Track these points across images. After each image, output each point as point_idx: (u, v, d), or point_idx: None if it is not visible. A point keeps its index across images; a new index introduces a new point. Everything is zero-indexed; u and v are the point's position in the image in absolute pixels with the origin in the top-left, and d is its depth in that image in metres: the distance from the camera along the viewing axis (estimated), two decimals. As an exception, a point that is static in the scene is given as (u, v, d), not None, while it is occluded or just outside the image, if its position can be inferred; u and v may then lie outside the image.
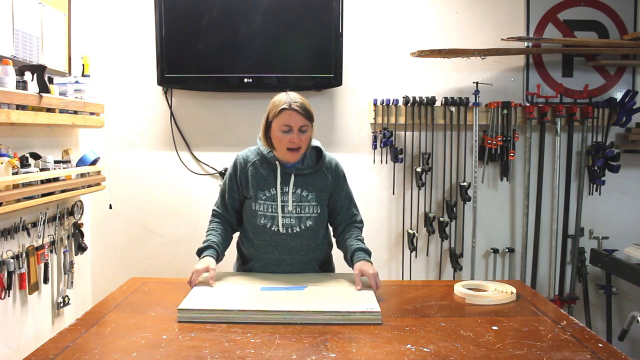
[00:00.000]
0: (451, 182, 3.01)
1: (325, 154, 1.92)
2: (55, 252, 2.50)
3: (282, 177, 1.85)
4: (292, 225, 1.86)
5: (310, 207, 1.87)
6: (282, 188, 1.85)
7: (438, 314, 1.63)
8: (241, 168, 1.90)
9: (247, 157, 1.92)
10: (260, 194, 1.86)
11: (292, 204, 1.84)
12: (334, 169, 1.92)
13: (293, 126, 1.78)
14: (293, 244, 1.89)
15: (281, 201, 1.84)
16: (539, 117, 2.94)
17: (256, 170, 1.88)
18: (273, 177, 1.85)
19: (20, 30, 2.21)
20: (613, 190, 3.04)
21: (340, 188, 1.95)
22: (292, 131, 1.78)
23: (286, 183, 1.85)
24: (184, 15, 2.78)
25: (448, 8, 2.98)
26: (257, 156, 1.91)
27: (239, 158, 1.93)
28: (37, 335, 2.39)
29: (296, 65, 2.84)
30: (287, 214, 1.85)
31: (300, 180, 1.86)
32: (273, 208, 1.85)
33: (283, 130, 1.78)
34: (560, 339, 1.44)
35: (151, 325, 1.52)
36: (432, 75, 3.00)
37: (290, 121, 1.77)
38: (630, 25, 2.96)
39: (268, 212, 1.85)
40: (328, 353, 1.33)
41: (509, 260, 3.08)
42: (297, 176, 1.86)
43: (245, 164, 1.90)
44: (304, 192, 1.86)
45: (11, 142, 2.13)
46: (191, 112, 3.01)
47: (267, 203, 1.85)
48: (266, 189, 1.86)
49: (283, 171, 1.85)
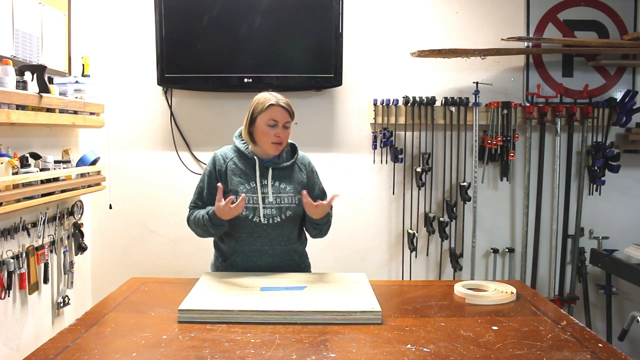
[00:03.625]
0: (451, 182, 3.01)
1: (298, 150, 2.04)
2: (55, 252, 2.50)
3: (261, 170, 1.94)
4: (273, 216, 1.92)
5: (289, 198, 1.95)
6: (262, 181, 1.94)
7: (438, 314, 1.63)
8: (220, 164, 1.99)
9: (225, 153, 2.01)
10: (241, 187, 1.93)
11: (272, 194, 1.93)
12: (307, 165, 2.05)
13: (279, 121, 1.90)
14: (274, 234, 1.94)
15: (261, 193, 1.92)
16: (539, 117, 2.94)
17: (235, 166, 1.97)
18: (252, 171, 1.95)
19: (20, 30, 2.21)
20: (613, 190, 3.04)
21: (314, 183, 2.06)
22: (277, 126, 1.90)
23: (264, 176, 1.94)
24: (184, 16, 2.78)
25: (448, 8, 2.98)
26: (234, 153, 2.00)
27: (217, 155, 2.02)
28: (37, 335, 2.39)
29: (296, 65, 2.84)
30: (267, 204, 1.92)
31: (278, 174, 1.96)
32: (254, 199, 1.92)
33: (269, 124, 1.89)
34: (560, 339, 1.44)
35: (151, 325, 1.52)
36: (432, 75, 3.00)
37: (276, 116, 1.90)
38: (630, 25, 2.96)
39: (249, 204, 1.91)
40: (328, 353, 1.33)
41: (509, 260, 3.08)
42: (275, 169, 1.96)
43: (224, 160, 1.99)
44: (282, 184, 1.95)
45: (11, 142, 2.13)
46: (191, 112, 3.01)
47: (248, 195, 1.91)
48: (246, 182, 1.94)
49: (261, 165, 1.95)
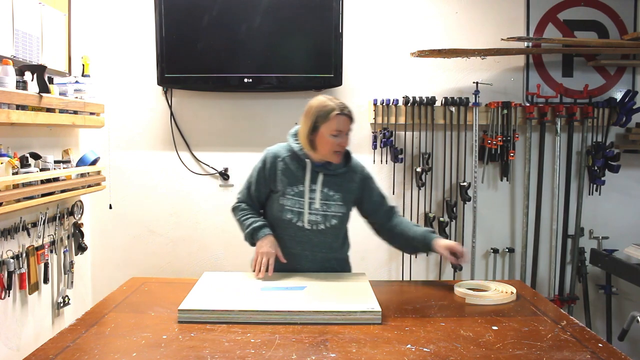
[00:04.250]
0: (451, 182, 3.01)
1: (353, 158, 1.97)
2: (55, 252, 2.50)
3: (312, 174, 1.89)
4: (318, 222, 1.89)
5: (336, 207, 1.90)
6: (311, 185, 1.89)
7: (438, 314, 1.63)
8: (271, 162, 1.93)
9: (277, 152, 1.95)
10: (289, 189, 1.89)
11: (319, 201, 1.88)
12: (360, 172, 1.97)
13: (343, 130, 1.84)
14: (316, 241, 1.91)
15: (309, 198, 1.88)
16: (539, 117, 2.94)
17: (286, 166, 1.91)
18: (302, 174, 1.89)
19: (20, 30, 2.21)
20: (613, 190, 3.04)
21: (372, 189, 1.99)
22: (340, 135, 1.83)
23: (314, 181, 1.89)
24: (184, 15, 2.78)
25: (448, 8, 2.98)
26: (288, 152, 1.94)
27: (269, 152, 1.96)
28: (37, 335, 2.39)
29: (296, 65, 2.84)
30: (313, 210, 1.88)
31: (328, 180, 1.90)
32: (300, 204, 1.88)
33: (333, 134, 1.83)
34: (560, 339, 1.44)
35: (151, 325, 1.52)
36: (432, 75, 3.00)
37: (341, 126, 1.83)
38: (630, 25, 2.96)
39: (295, 208, 1.88)
40: (328, 353, 1.33)
41: (509, 260, 3.08)
42: (326, 175, 1.90)
43: (275, 158, 1.93)
44: (331, 191, 1.90)
45: (11, 142, 2.13)
46: (191, 112, 3.01)
47: (294, 199, 1.88)
48: (295, 184, 1.89)
49: (312, 169, 1.89)
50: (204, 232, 3.04)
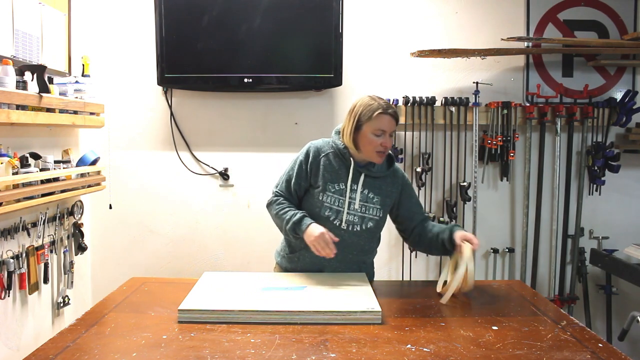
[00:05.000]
0: (451, 182, 3.01)
1: (395, 162, 1.96)
2: (55, 252, 2.50)
3: (354, 174, 1.86)
4: (354, 223, 1.87)
5: (374, 210, 1.88)
6: (352, 185, 1.86)
7: (438, 314, 1.63)
8: (314, 156, 1.90)
9: (321, 147, 1.92)
10: (330, 186, 1.87)
11: (358, 202, 1.86)
12: (400, 178, 1.95)
13: (387, 130, 1.81)
14: (350, 242, 1.88)
15: (349, 197, 1.86)
16: (539, 117, 2.94)
17: (329, 162, 1.89)
18: (345, 172, 1.87)
19: (20, 30, 2.21)
20: (613, 190, 3.04)
21: (411, 195, 1.98)
22: (384, 135, 1.81)
23: (356, 181, 1.87)
24: (184, 16, 2.78)
25: (448, 8, 2.98)
26: (331, 149, 1.91)
27: (312, 146, 1.93)
28: (37, 335, 2.39)
29: (296, 65, 2.84)
30: (352, 211, 1.86)
31: (369, 182, 1.88)
32: (340, 202, 1.86)
33: (376, 134, 1.81)
34: (560, 339, 1.44)
35: (151, 325, 1.52)
36: (432, 75, 3.00)
37: (385, 126, 1.80)
38: (630, 25, 2.96)
39: (334, 206, 1.86)
40: (328, 353, 1.33)
41: (509, 260, 3.08)
42: (367, 177, 1.88)
43: (318, 153, 1.90)
44: (371, 193, 1.88)
45: (11, 142, 2.13)
46: (191, 112, 3.01)
47: (334, 196, 1.86)
48: (336, 182, 1.87)
49: (355, 169, 1.87)
50: (204, 232, 3.05)
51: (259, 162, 3.03)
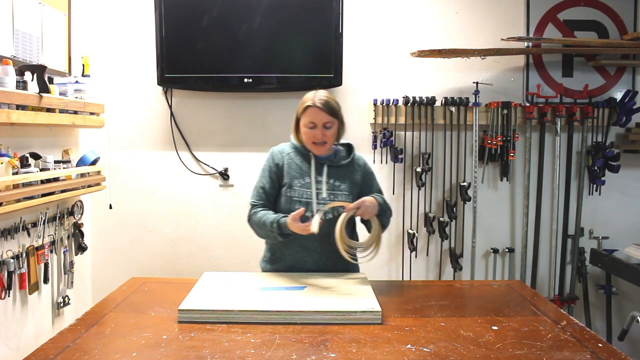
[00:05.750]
0: (451, 182, 3.01)
1: (354, 151, 2.03)
2: (55, 252, 2.50)
3: (316, 167, 1.95)
4: (326, 212, 1.90)
5: (342, 196, 1.93)
6: (317, 177, 1.94)
7: (438, 314, 1.63)
8: (278, 158, 2.00)
9: (282, 149, 2.03)
10: (296, 182, 1.94)
11: (325, 191, 1.92)
12: (362, 166, 2.03)
13: (317, 123, 1.88)
14: (325, 231, 1.89)
15: (316, 188, 1.92)
16: (539, 117, 2.94)
17: (291, 160, 1.98)
18: (307, 167, 1.95)
19: (20, 30, 2.21)
20: (613, 190, 3.04)
21: (371, 185, 2.04)
22: (316, 127, 1.89)
23: (320, 173, 1.94)
24: (184, 16, 2.78)
25: (448, 8, 2.98)
26: (291, 149, 2.01)
27: (274, 150, 2.04)
28: (37, 335, 2.39)
29: (296, 65, 2.84)
30: (321, 200, 1.91)
31: (333, 171, 1.96)
32: (308, 194, 1.92)
33: (309, 126, 1.90)
34: (560, 339, 1.44)
35: (151, 325, 1.52)
36: (432, 75, 3.00)
37: (314, 118, 1.88)
38: (630, 25, 2.96)
39: (303, 198, 1.92)
40: (328, 353, 1.33)
41: (509, 260, 3.08)
42: (330, 167, 1.96)
43: (280, 155, 2.00)
44: (337, 182, 1.95)
45: (11, 142, 2.13)
46: (191, 112, 3.01)
47: (302, 190, 1.93)
48: (301, 177, 1.94)
49: (317, 162, 1.95)
50: (204, 232, 3.05)
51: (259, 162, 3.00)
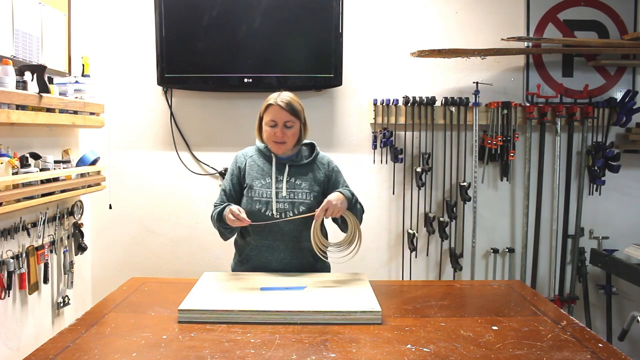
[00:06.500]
0: (451, 182, 3.01)
1: (318, 150, 2.06)
2: (55, 252, 2.50)
3: (277, 167, 1.98)
4: (286, 210, 1.93)
5: (303, 194, 1.96)
6: (277, 177, 1.97)
7: (438, 314, 1.63)
8: (241, 161, 2.05)
9: (246, 152, 2.09)
10: (257, 182, 1.98)
11: (285, 189, 1.95)
12: (326, 165, 2.05)
13: (278, 121, 1.92)
14: (286, 229, 1.95)
15: (276, 188, 1.95)
16: (539, 117, 2.94)
17: (254, 162, 2.03)
18: (269, 167, 1.99)
19: (20, 30, 2.21)
20: (613, 190, 3.04)
21: (338, 182, 2.06)
22: (277, 126, 1.93)
23: (281, 172, 1.98)
24: (184, 16, 2.78)
25: (448, 8, 2.98)
26: (255, 151, 2.07)
27: (238, 154, 2.10)
28: (37, 335, 2.39)
29: (296, 65, 2.84)
30: (280, 199, 1.94)
31: (295, 171, 1.99)
32: (268, 194, 1.95)
33: (270, 125, 1.94)
34: (560, 339, 1.44)
35: (151, 325, 1.52)
36: (432, 75, 3.00)
37: (275, 116, 1.92)
38: (630, 25, 2.96)
39: (263, 198, 1.95)
40: (328, 353, 1.33)
41: (509, 260, 3.08)
42: (292, 167, 1.99)
43: (244, 158, 2.06)
44: (298, 180, 1.98)
45: (11, 142, 2.13)
46: (191, 112, 3.01)
47: (262, 189, 1.96)
48: (262, 177, 1.98)
49: (278, 162, 1.99)
50: (204, 232, 3.04)
51: (259, 162, 3.02)
